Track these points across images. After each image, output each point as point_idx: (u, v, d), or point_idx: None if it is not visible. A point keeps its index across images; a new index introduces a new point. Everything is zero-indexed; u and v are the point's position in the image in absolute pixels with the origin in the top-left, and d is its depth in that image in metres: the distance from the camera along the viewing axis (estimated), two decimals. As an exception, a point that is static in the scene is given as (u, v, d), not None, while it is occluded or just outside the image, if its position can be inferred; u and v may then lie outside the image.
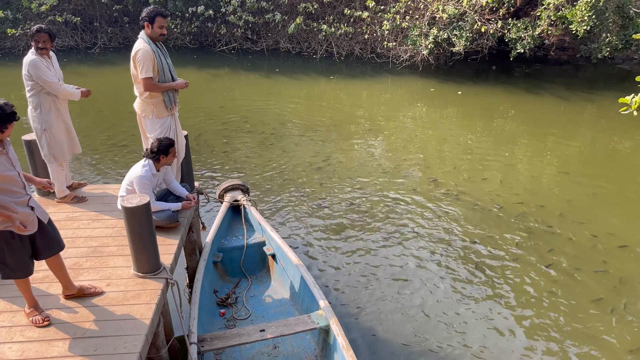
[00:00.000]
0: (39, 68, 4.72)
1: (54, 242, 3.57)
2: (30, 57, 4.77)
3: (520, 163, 8.13)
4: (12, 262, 3.35)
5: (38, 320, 3.46)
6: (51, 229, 3.57)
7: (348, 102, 11.20)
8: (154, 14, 4.62)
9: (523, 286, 5.37)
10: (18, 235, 3.30)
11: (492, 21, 11.94)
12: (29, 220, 3.31)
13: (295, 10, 14.58)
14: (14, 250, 3.33)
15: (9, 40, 15.58)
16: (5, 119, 3.07)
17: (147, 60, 4.55)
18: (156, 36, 4.66)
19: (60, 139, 4.99)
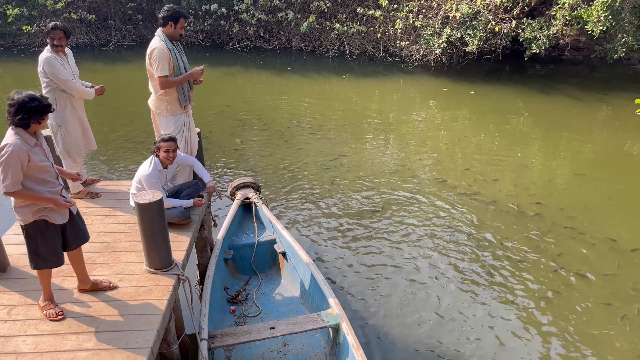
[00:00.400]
0: (54, 65, 4.77)
1: (82, 233, 3.70)
2: (46, 55, 4.82)
3: (534, 164, 8.07)
4: (45, 252, 3.45)
5: (52, 314, 3.51)
6: (79, 220, 3.69)
7: (360, 101, 11.19)
8: (179, 14, 4.63)
9: (537, 289, 5.34)
10: (52, 224, 3.41)
11: (506, 21, 11.85)
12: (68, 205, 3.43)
13: (307, 9, 14.58)
14: (47, 240, 3.44)
15: (25, 37, 15.75)
16: (42, 110, 3.20)
17: (162, 58, 4.58)
18: (176, 35, 4.70)
19: (75, 135, 5.05)
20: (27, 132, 3.24)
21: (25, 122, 3.18)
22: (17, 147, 3.14)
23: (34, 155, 3.23)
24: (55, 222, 3.43)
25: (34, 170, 3.25)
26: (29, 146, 3.22)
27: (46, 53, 4.84)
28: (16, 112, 3.15)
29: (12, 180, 3.16)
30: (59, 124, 4.94)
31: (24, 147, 3.17)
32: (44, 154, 3.35)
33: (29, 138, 3.24)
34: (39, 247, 3.43)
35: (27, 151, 3.18)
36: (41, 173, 3.30)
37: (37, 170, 3.27)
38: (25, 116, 3.16)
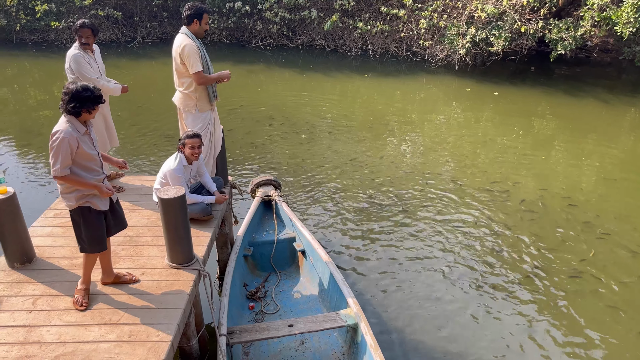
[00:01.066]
0: (80, 63, 4.86)
1: (121, 220, 3.85)
2: (73, 52, 4.91)
3: (559, 167, 7.93)
4: (88, 236, 3.60)
5: (79, 300, 3.62)
6: (119, 207, 3.83)
7: (382, 100, 11.14)
8: (202, 10, 4.69)
9: (563, 294, 5.25)
10: (95, 211, 3.56)
11: (533, 21, 11.66)
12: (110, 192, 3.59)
13: (331, 7, 14.57)
14: (90, 225, 3.58)
15: (53, 32, 16.06)
16: (94, 100, 3.36)
17: (194, 54, 4.62)
18: (202, 32, 4.75)
19: (99, 131, 5.15)
20: (78, 121, 3.40)
21: (77, 111, 3.34)
22: (68, 133, 3.30)
23: (83, 144, 3.39)
24: (97, 208, 3.58)
25: (82, 157, 3.41)
26: (79, 134, 3.38)
27: (74, 50, 4.93)
28: (70, 101, 3.31)
29: (62, 165, 3.32)
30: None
31: (74, 134, 3.34)
32: (92, 142, 3.51)
33: (79, 126, 3.40)
34: (83, 232, 3.60)
35: (77, 138, 3.34)
36: (88, 161, 3.46)
37: (85, 158, 3.43)
38: (77, 105, 3.32)
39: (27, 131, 9.46)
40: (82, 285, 3.72)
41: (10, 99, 11.44)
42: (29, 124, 9.81)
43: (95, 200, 3.55)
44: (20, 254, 4.04)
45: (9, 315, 3.54)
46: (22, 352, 3.23)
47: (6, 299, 3.71)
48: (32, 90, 12.06)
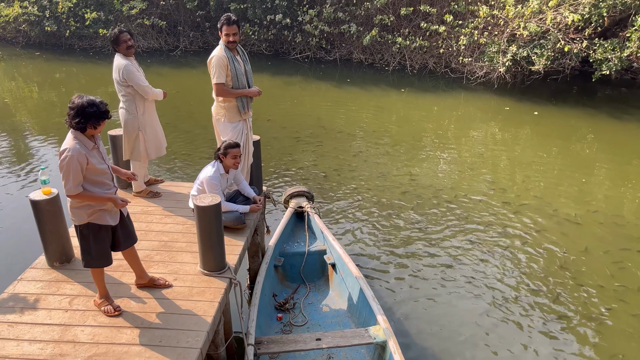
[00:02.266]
0: (133, 72, 4.93)
1: (131, 234, 3.80)
2: (123, 62, 4.94)
3: (599, 190, 7.69)
4: (96, 251, 3.58)
5: (109, 310, 3.64)
6: (129, 222, 3.81)
7: (418, 116, 11.07)
8: (220, 24, 4.80)
9: (592, 317, 5.07)
10: (104, 226, 3.54)
11: (577, 40, 11.42)
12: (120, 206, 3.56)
13: (370, 22, 14.62)
14: (99, 240, 3.56)
15: (100, 39, 16.65)
16: (99, 116, 3.29)
17: (219, 66, 4.73)
18: (226, 43, 4.83)
19: (153, 138, 5.25)
20: (85, 136, 3.35)
21: (82, 126, 3.28)
22: (75, 151, 3.25)
23: (92, 159, 3.35)
24: (107, 223, 3.55)
25: (92, 172, 3.37)
26: (87, 149, 3.33)
27: (122, 60, 4.96)
28: (74, 116, 3.25)
29: (74, 183, 3.29)
30: (139, 128, 5.11)
31: (82, 150, 3.29)
32: (101, 157, 3.47)
33: (87, 141, 3.35)
34: (91, 247, 3.56)
35: (85, 155, 3.30)
36: (98, 175, 3.42)
37: (95, 173, 3.39)
38: (82, 120, 3.25)
39: (71, 134, 9.78)
40: (101, 299, 3.71)
41: (57, 102, 11.89)
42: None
43: (106, 215, 3.52)
44: (60, 254, 4.16)
45: (46, 313, 3.65)
46: (57, 350, 3.31)
47: (44, 297, 3.82)
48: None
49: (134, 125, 5.08)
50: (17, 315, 3.62)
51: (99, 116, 3.28)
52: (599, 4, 10.83)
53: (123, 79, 4.93)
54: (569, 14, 10.89)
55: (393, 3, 14.32)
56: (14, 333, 3.45)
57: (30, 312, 3.65)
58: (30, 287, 3.92)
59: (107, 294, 3.76)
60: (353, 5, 14.61)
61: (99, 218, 3.51)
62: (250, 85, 5.01)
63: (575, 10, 11.06)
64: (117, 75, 4.95)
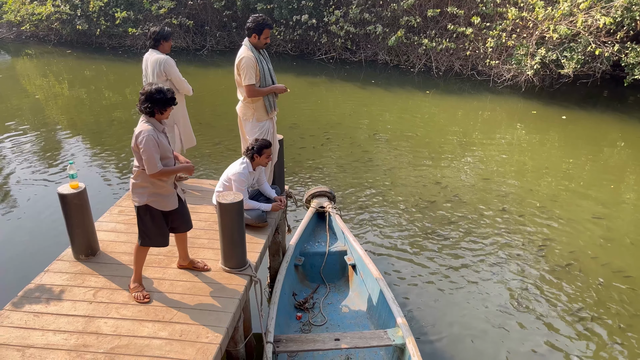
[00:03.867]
0: (173, 67, 5.18)
1: (187, 219, 4.01)
2: (163, 56, 5.14)
3: (629, 199, 7.50)
4: (152, 232, 3.80)
5: (139, 297, 3.78)
6: (186, 207, 4.01)
7: (443, 118, 10.97)
8: (263, 26, 4.76)
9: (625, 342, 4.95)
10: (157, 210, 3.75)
11: (608, 44, 11.16)
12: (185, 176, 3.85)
13: (397, 23, 14.55)
14: (155, 222, 3.79)
15: (129, 38, 16.95)
16: (165, 102, 3.57)
17: (250, 67, 4.75)
18: (261, 45, 4.86)
19: (187, 129, 5.48)
20: (155, 119, 3.62)
21: (150, 111, 3.56)
22: (150, 131, 3.54)
23: (162, 140, 3.63)
24: (164, 209, 3.77)
25: (162, 151, 3.64)
26: (157, 132, 3.60)
27: (160, 55, 5.15)
28: (144, 101, 3.54)
29: (154, 163, 3.56)
30: (174, 121, 5.31)
31: (154, 132, 3.57)
32: (167, 140, 3.74)
33: (156, 124, 3.63)
34: (147, 227, 3.78)
35: (157, 135, 3.58)
36: (165, 157, 3.67)
37: (164, 153, 3.65)
38: (150, 105, 3.53)
39: (99, 130, 9.99)
40: (134, 283, 3.87)
41: (87, 99, 12.14)
42: (102, 124, 10.36)
43: (164, 200, 3.74)
44: (85, 247, 4.25)
45: (71, 304, 3.73)
46: (80, 341, 3.38)
47: (69, 288, 3.90)
48: (107, 92, 12.74)
49: (170, 119, 5.23)
50: (43, 305, 3.70)
51: (165, 102, 3.56)
52: (631, 7, 10.57)
53: (163, 72, 5.10)
54: (601, 17, 10.64)
55: (420, 4, 14.21)
56: (39, 323, 3.53)
57: (56, 302, 3.74)
58: (56, 279, 4.01)
59: (141, 280, 3.90)
60: (379, 7, 14.56)
61: (156, 202, 3.73)
62: (274, 82, 5.03)
63: (607, 13, 10.81)
64: (157, 69, 5.09)
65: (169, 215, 3.83)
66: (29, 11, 17.25)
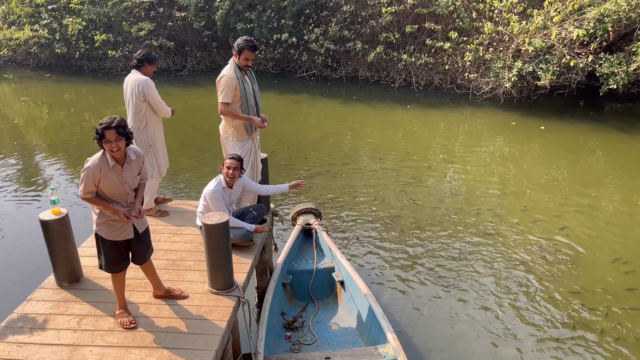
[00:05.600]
0: (153, 88, 5.14)
1: (145, 251, 3.88)
2: (143, 77, 5.11)
3: (607, 208, 7.62)
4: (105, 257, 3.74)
5: (125, 322, 3.70)
6: (145, 237, 3.89)
7: (425, 132, 11.09)
8: (242, 47, 4.82)
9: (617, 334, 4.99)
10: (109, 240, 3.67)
11: (582, 55, 11.44)
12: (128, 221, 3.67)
13: (376, 40, 14.75)
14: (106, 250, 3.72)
15: (109, 61, 16.90)
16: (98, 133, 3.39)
17: (228, 86, 4.78)
18: (242, 66, 4.90)
19: (162, 153, 5.40)
20: (108, 154, 3.48)
21: (100, 144, 3.44)
22: (93, 164, 3.45)
23: (106, 178, 3.48)
24: (111, 239, 3.67)
25: (105, 189, 3.53)
26: (106, 167, 3.47)
27: (141, 76, 5.13)
28: (95, 133, 3.43)
29: (84, 190, 3.49)
30: (150, 144, 5.25)
31: (100, 167, 3.45)
32: (122, 178, 3.55)
33: (110, 159, 3.48)
34: (101, 253, 3.74)
35: (99, 172, 3.45)
36: (111, 195, 3.56)
37: (107, 191, 3.54)
38: (97, 137, 3.41)
39: (80, 153, 9.88)
40: (119, 309, 3.80)
41: (66, 122, 12.02)
42: (83, 146, 10.25)
43: (111, 230, 3.64)
44: (68, 274, 4.17)
45: (55, 333, 3.64)
46: (66, 370, 3.30)
47: (53, 317, 3.81)
48: (87, 115, 12.64)
49: (145, 140, 5.19)
50: (26, 335, 3.61)
51: (97, 132, 3.39)
52: (603, 19, 10.87)
53: (142, 93, 5.05)
54: (574, 29, 10.93)
55: (398, 21, 14.45)
56: (23, 354, 3.44)
57: (39, 332, 3.65)
58: (39, 307, 3.92)
59: (126, 306, 3.82)
60: (358, 24, 14.76)
61: (103, 231, 3.66)
62: (258, 104, 5.05)
63: (580, 25, 11.11)
64: (136, 90, 5.06)
65: (125, 243, 3.74)
66: (6, 36, 17.11)
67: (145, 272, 3.97)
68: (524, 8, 12.42)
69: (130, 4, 16.27)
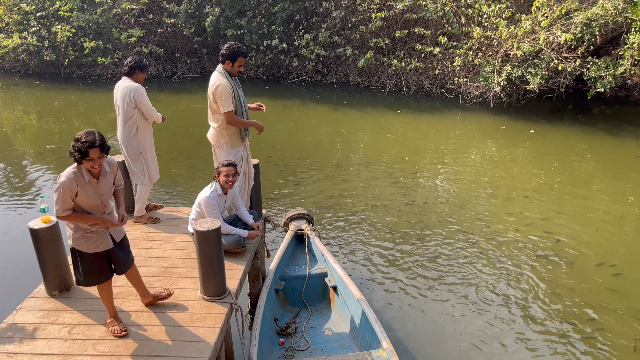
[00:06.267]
0: (144, 95, 5.11)
1: (125, 260, 3.84)
2: (135, 84, 5.09)
3: (596, 209, 7.69)
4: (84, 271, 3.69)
5: (117, 330, 3.67)
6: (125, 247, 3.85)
7: (416, 136, 11.13)
8: (237, 54, 4.78)
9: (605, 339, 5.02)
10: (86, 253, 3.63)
11: (570, 59, 11.56)
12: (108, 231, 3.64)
13: (366, 45, 14.80)
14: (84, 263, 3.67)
15: (99, 68, 16.80)
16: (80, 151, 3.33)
17: (227, 95, 4.75)
18: (234, 73, 4.87)
19: (153, 160, 5.37)
20: (84, 168, 3.45)
21: (75, 159, 3.40)
22: (68, 179, 3.40)
23: (83, 192, 3.45)
24: (89, 251, 3.63)
25: (82, 203, 3.49)
26: (82, 181, 3.44)
27: (132, 83, 5.11)
28: (73, 149, 3.35)
29: (61, 207, 3.43)
30: (141, 150, 5.22)
31: (76, 181, 3.41)
32: (98, 191, 3.54)
33: (86, 173, 3.46)
34: (79, 267, 3.69)
35: (76, 186, 3.42)
36: (88, 208, 3.53)
37: (84, 204, 3.51)
38: (73, 152, 3.37)
39: (69, 161, 9.79)
40: (110, 319, 3.77)
41: (56, 130, 11.94)
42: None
43: (89, 242, 3.60)
44: (59, 282, 4.13)
45: (45, 343, 3.60)
46: (56, 380, 3.26)
47: (43, 326, 3.78)
48: (77, 122, 12.56)
49: (136, 147, 5.16)
50: (16, 345, 3.57)
51: (80, 151, 3.32)
52: (590, 23, 11.00)
53: (133, 100, 5.03)
54: (562, 34, 11.04)
55: (387, 26, 14.52)
56: (12, 364, 3.40)
57: (30, 342, 3.61)
58: (29, 317, 3.88)
59: (116, 314, 3.79)
60: (348, 29, 14.81)
61: (81, 245, 3.60)
62: (246, 109, 5.05)
63: (567, 29, 11.23)
64: (127, 97, 5.04)
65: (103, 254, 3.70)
66: (-6, 44, 16.98)
67: (130, 280, 3.92)
68: (512, 13, 12.54)
69: (120, 11, 16.21)
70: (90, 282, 3.72)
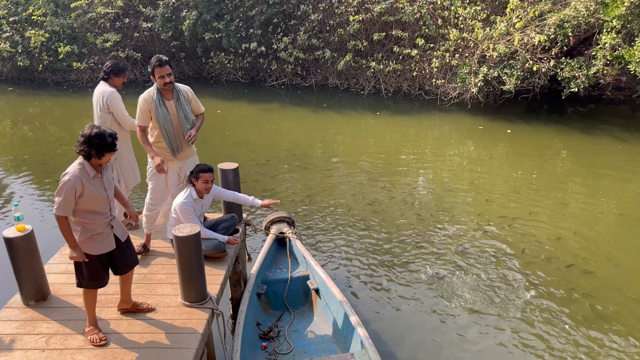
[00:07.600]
0: (117, 100, 5.02)
1: (127, 259, 3.83)
2: (108, 89, 5.01)
3: (573, 205, 7.83)
4: (87, 274, 3.66)
5: (95, 339, 3.62)
6: (127, 246, 3.85)
7: (395, 138, 11.20)
8: (151, 67, 4.57)
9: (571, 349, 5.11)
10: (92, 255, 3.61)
11: (544, 60, 11.77)
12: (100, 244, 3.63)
13: (344, 48, 14.86)
14: (89, 265, 3.64)
15: (74, 73, 16.55)
16: (102, 148, 3.42)
17: (141, 109, 4.69)
18: (160, 86, 4.63)
19: (128, 167, 5.28)
20: (90, 164, 3.48)
21: (86, 155, 3.43)
22: (75, 177, 3.40)
23: (91, 186, 3.46)
24: (96, 252, 3.61)
25: (87, 200, 3.47)
26: (88, 177, 3.46)
27: (107, 87, 5.04)
28: (81, 144, 3.40)
29: (63, 207, 3.42)
30: (116, 157, 5.15)
31: (82, 177, 3.42)
32: (103, 186, 3.56)
33: (90, 169, 3.48)
34: (83, 269, 3.65)
35: (82, 183, 3.42)
36: (94, 203, 3.50)
37: (91, 201, 3.48)
38: (87, 149, 3.40)
39: (45, 168, 9.64)
40: (90, 326, 3.72)
41: (31, 137, 11.72)
42: (48, 161, 10.00)
43: (95, 243, 3.60)
44: (35, 292, 4.05)
45: (22, 354, 3.53)
46: (34, 392, 3.20)
47: (20, 337, 3.70)
48: (52, 128, 12.35)
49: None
50: (-9, 357, 3.49)
51: (102, 148, 3.41)
52: (563, 25, 11.21)
53: (105, 106, 4.97)
54: (536, 35, 11.23)
55: (365, 29, 14.60)
56: (-13, 377, 3.32)
57: (6, 353, 3.53)
58: (5, 327, 3.80)
59: (96, 322, 3.74)
60: (326, 32, 14.86)
61: (86, 246, 3.58)
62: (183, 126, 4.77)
63: (541, 31, 11.43)
64: (100, 101, 4.99)
65: (106, 255, 3.69)
66: (-35, 49, 16.60)
67: (122, 282, 3.89)
68: (487, 15, 12.72)
69: (95, 15, 16.00)
70: (94, 286, 3.70)
